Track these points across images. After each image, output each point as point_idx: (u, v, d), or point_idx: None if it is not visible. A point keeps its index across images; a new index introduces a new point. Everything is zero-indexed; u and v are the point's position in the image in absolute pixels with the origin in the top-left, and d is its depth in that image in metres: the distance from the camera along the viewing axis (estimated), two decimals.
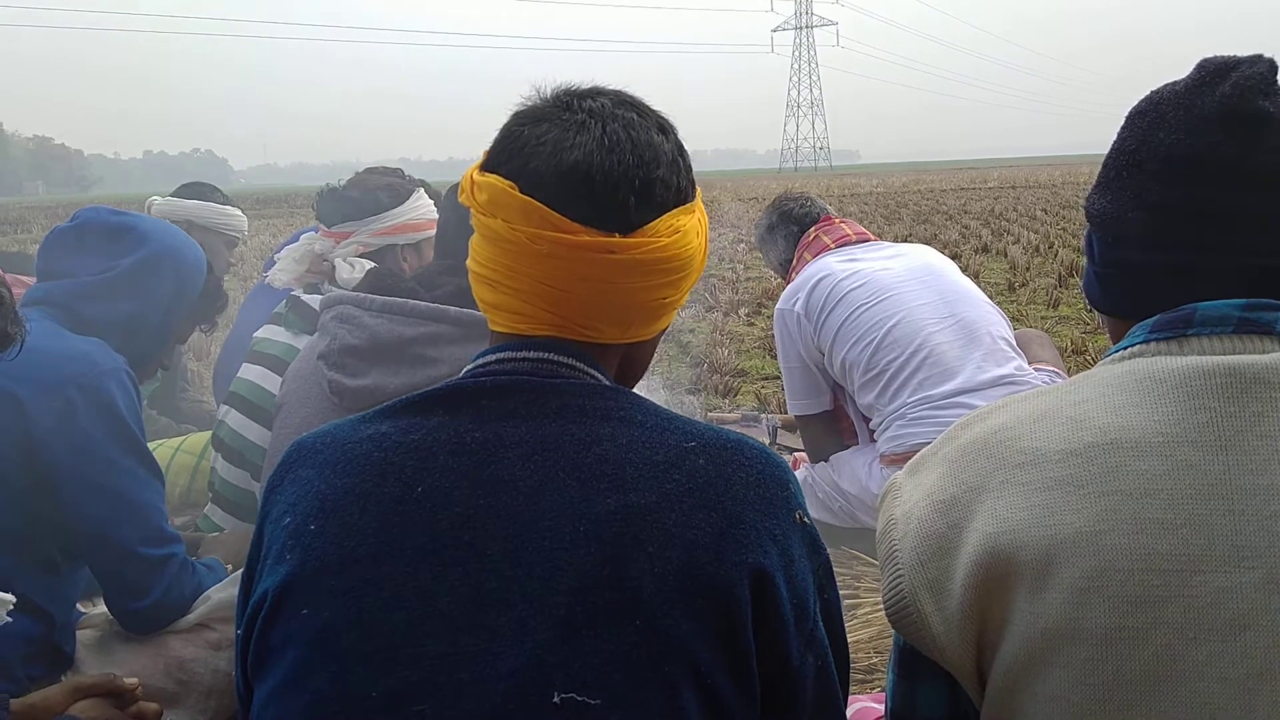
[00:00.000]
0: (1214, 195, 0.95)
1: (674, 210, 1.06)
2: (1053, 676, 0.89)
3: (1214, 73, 0.99)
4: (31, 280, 2.34)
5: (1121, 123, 1.06)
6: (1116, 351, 0.99)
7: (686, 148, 1.11)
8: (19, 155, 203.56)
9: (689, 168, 1.10)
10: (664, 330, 1.15)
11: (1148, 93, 1.04)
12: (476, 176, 1.06)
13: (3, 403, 1.86)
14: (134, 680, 1.86)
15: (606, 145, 1.02)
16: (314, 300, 2.72)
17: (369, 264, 2.72)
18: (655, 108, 1.10)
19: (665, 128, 1.09)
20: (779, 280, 3.89)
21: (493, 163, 1.06)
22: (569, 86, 1.09)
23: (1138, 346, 0.96)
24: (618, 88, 1.10)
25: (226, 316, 2.60)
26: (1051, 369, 3.11)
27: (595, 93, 1.08)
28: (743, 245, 13.22)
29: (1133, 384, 0.93)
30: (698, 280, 1.14)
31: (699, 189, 1.13)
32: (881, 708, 1.66)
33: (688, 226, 1.07)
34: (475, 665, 0.90)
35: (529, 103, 1.08)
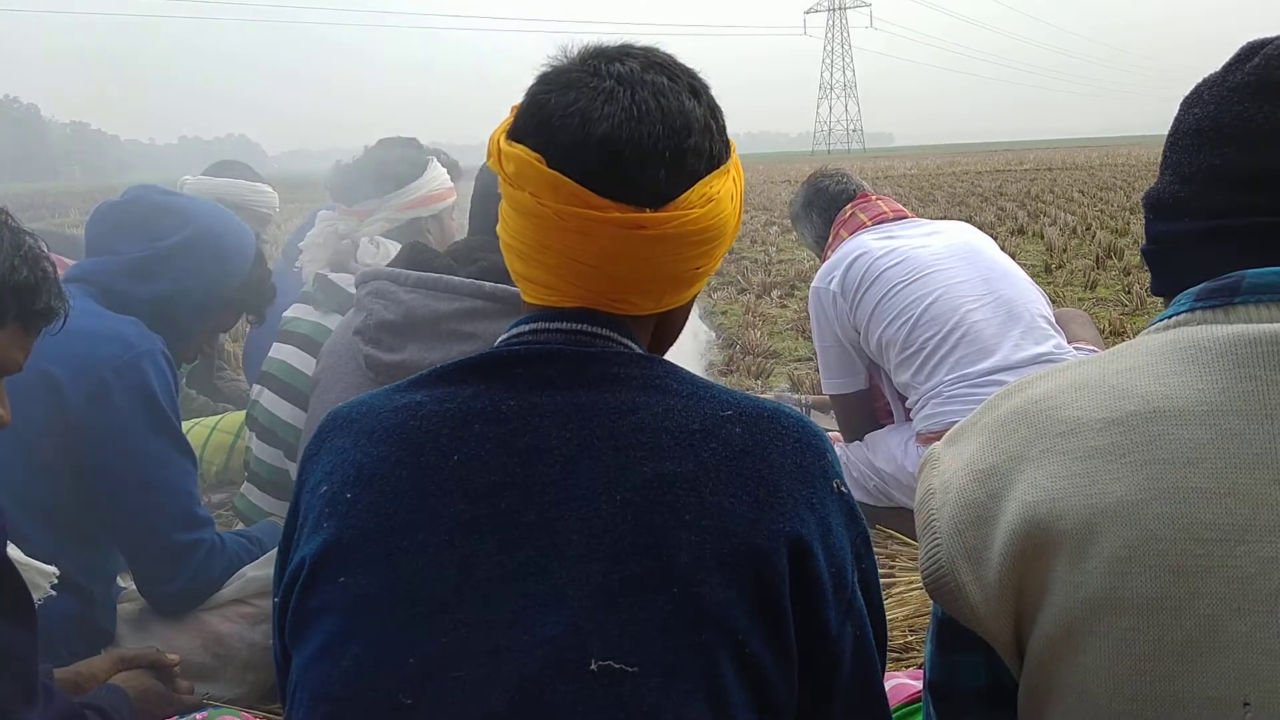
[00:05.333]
0: (1241, 161, 0.94)
1: (707, 176, 1.04)
2: (1093, 647, 0.87)
3: (1249, 50, 0.98)
4: (69, 262, 2.36)
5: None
6: (1161, 320, 0.97)
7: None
8: (56, 141, 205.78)
9: (723, 128, 1.07)
10: (696, 295, 1.13)
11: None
12: (504, 145, 1.04)
13: (40, 383, 1.88)
14: (175, 657, 1.89)
15: (636, 116, 0.99)
16: (341, 279, 2.73)
17: (394, 244, 2.73)
18: (688, 66, 1.07)
19: (697, 89, 1.05)
20: (812, 263, 3.86)
21: (520, 132, 1.03)
22: (597, 47, 1.05)
23: (1183, 315, 0.94)
24: (647, 45, 1.07)
25: None
26: (1091, 348, 3.07)
27: (624, 54, 1.04)
28: (775, 228, 13.17)
29: (1176, 352, 0.92)
30: (732, 244, 1.11)
31: (733, 143, 1.10)
32: (917, 684, 1.65)
33: (721, 192, 1.05)
34: (512, 632, 0.90)
35: (556, 63, 1.05)
